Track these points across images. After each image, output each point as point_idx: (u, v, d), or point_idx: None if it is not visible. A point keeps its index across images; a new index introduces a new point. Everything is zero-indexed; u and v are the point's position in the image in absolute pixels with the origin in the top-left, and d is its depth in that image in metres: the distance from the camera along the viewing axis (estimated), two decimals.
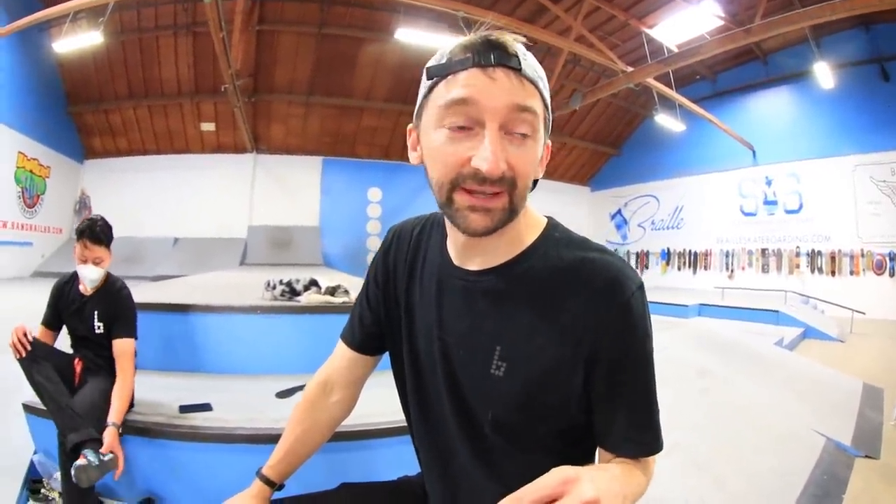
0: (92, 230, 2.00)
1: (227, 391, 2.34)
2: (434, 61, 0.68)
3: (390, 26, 8.84)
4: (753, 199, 11.79)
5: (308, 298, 2.89)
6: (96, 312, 2.05)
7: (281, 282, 3.05)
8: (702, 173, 12.82)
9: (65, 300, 2.10)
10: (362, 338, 0.93)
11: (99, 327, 2.05)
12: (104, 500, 1.91)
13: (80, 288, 2.08)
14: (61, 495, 1.93)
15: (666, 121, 11.37)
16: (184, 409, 2.06)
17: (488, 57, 0.62)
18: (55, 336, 2.17)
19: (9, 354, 1.87)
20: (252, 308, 2.81)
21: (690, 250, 12.97)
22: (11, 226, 8.89)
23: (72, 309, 2.08)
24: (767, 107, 11.69)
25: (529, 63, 0.65)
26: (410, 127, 0.74)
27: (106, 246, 2.04)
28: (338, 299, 2.88)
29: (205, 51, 9.25)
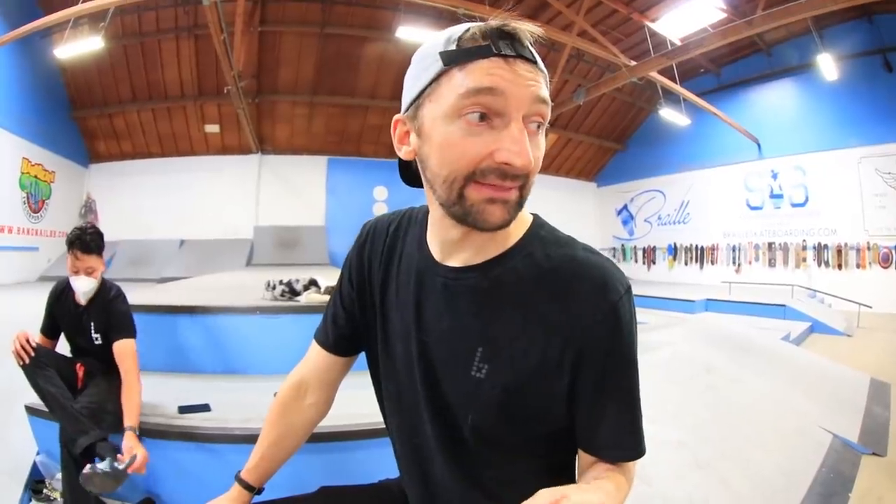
0: (82, 240, 1.97)
1: (227, 392, 2.35)
2: (442, 46, 0.62)
3: (392, 25, 8.82)
4: (759, 193, 11.66)
5: (308, 298, 2.89)
6: (93, 324, 2.05)
7: (281, 282, 3.06)
8: (707, 167, 12.70)
9: (61, 309, 2.09)
10: (336, 338, 0.91)
11: (97, 338, 2.05)
12: (105, 501, 1.92)
13: (76, 297, 2.06)
14: (63, 496, 1.94)
15: (671, 115, 11.26)
16: (183, 410, 2.07)
17: (509, 46, 0.60)
18: (54, 344, 2.17)
19: (11, 359, 1.88)
20: (251, 308, 2.82)
21: (697, 245, 12.86)
22: (17, 231, 8.93)
23: (68, 320, 2.08)
24: (772, 100, 11.55)
25: (536, 54, 0.64)
26: (399, 118, 0.69)
27: (98, 255, 2.01)
28: None
29: (207, 53, 9.25)
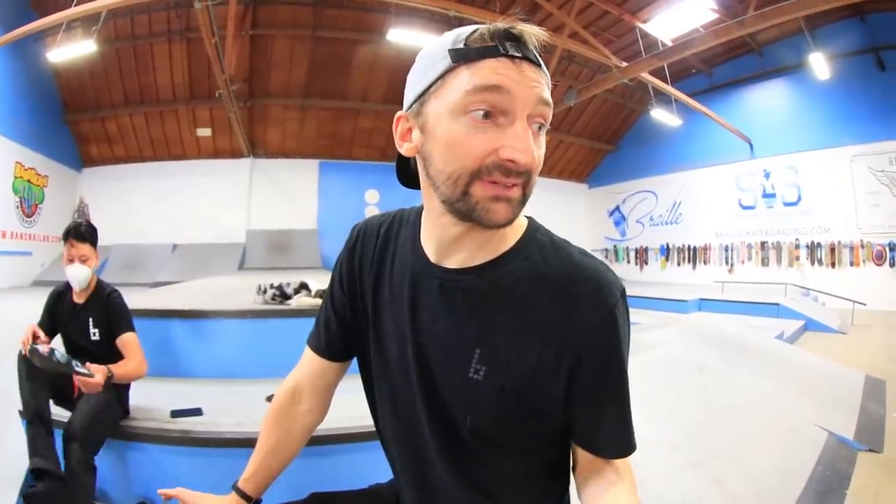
0: (77, 229, 2.06)
1: (218, 396, 2.35)
2: (450, 44, 0.64)
3: (383, 27, 8.84)
4: (752, 193, 11.74)
5: (298, 301, 2.89)
6: (91, 320, 2.09)
7: (272, 286, 3.05)
8: (699, 168, 12.78)
9: (59, 307, 2.15)
10: (328, 343, 0.90)
11: (94, 334, 2.08)
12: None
13: (74, 297, 2.12)
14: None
15: (662, 116, 11.34)
16: (175, 414, 2.07)
17: (515, 48, 0.62)
18: (49, 342, 2.18)
19: (8, 360, 1.88)
20: (242, 312, 2.81)
21: (689, 245, 12.93)
22: (10, 235, 8.90)
23: (66, 317, 2.12)
24: (764, 99, 11.64)
25: (540, 57, 0.66)
26: (402, 115, 0.70)
27: (91, 244, 2.08)
28: None
29: (199, 57, 9.24)
